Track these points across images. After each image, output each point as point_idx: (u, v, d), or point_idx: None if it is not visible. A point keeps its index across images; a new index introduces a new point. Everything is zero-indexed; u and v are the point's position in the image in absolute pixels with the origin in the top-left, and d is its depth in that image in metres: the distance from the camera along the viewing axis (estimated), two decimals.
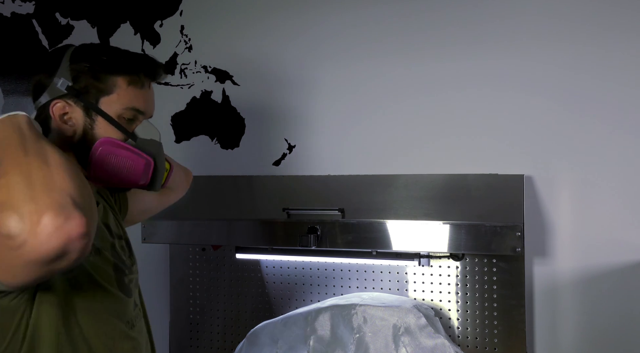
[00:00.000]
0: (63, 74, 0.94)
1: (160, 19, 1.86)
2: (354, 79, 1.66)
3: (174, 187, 1.28)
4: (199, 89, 1.82)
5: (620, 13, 1.45)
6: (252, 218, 1.53)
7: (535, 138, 1.52)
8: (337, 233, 1.42)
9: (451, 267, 1.55)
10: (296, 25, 1.72)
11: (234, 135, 1.79)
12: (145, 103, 0.99)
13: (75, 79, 0.94)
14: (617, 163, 1.46)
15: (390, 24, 1.63)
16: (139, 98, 0.98)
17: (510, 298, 1.49)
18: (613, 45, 1.46)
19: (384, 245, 1.40)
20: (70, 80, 0.93)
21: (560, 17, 1.50)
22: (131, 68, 0.97)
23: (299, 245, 1.43)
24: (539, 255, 1.52)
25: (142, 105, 0.99)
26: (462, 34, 1.57)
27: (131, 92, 0.97)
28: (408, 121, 1.61)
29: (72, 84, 0.93)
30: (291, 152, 1.73)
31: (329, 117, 1.69)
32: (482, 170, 1.54)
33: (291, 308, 1.68)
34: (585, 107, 1.48)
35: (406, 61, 1.61)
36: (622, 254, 1.46)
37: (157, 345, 1.15)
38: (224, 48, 1.79)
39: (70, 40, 1.94)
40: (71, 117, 0.94)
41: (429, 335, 1.44)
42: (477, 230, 1.32)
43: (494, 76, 1.54)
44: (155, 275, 1.86)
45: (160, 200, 1.29)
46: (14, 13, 2.00)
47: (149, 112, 1.01)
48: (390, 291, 1.61)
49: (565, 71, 1.49)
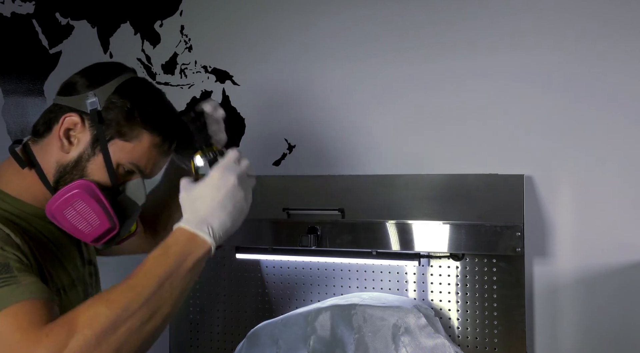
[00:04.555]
0: (100, 94, 0.87)
1: (160, 19, 1.86)
2: (354, 78, 1.66)
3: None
4: (199, 89, 1.82)
5: (620, 13, 1.45)
6: (252, 218, 1.52)
7: (535, 138, 1.51)
8: (337, 233, 1.42)
9: (451, 267, 1.55)
10: (296, 25, 1.72)
11: (234, 135, 1.79)
12: (153, 166, 0.93)
13: (106, 107, 0.87)
14: (617, 163, 1.46)
15: (390, 22, 1.63)
16: (151, 160, 0.92)
17: (510, 298, 1.49)
18: (614, 44, 1.45)
19: (384, 245, 1.40)
20: (101, 105, 0.87)
21: (560, 17, 1.49)
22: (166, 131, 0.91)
23: (299, 245, 1.43)
24: (539, 255, 1.52)
25: (150, 167, 0.93)
26: (462, 33, 1.56)
27: (148, 152, 0.90)
28: (408, 121, 1.61)
29: (100, 110, 0.87)
30: (291, 152, 1.73)
31: (329, 117, 1.69)
32: (482, 170, 1.54)
33: (291, 308, 1.68)
34: (586, 106, 1.48)
35: (406, 60, 1.61)
36: (622, 254, 1.46)
37: (157, 345, 1.15)
38: (224, 48, 1.79)
39: (70, 40, 1.94)
40: (76, 137, 0.88)
41: (429, 335, 1.44)
42: (477, 230, 1.32)
43: (494, 76, 1.54)
44: None
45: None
46: (14, 13, 2.00)
47: (151, 175, 0.95)
48: (390, 291, 1.61)
49: (566, 71, 1.49)
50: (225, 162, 0.87)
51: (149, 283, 0.74)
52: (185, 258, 0.78)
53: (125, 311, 0.71)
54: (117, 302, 0.71)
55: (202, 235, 0.81)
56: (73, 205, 0.85)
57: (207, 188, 0.84)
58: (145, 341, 0.73)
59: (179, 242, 0.80)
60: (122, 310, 0.71)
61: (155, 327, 0.74)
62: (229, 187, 0.84)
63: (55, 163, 0.89)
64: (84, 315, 0.70)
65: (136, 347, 0.72)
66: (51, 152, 0.89)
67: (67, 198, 0.85)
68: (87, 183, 0.86)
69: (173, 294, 0.76)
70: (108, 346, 0.68)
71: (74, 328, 0.68)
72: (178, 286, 0.77)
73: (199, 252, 0.80)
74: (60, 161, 0.88)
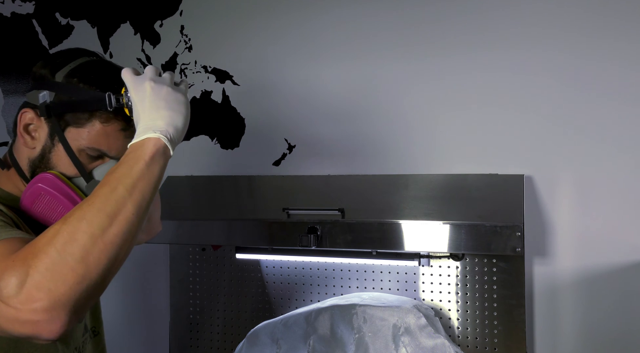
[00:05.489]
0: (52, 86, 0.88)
1: (160, 19, 1.86)
2: (354, 78, 1.66)
3: (144, 226, 1.15)
4: (199, 89, 1.82)
5: (623, 12, 1.45)
6: (252, 218, 1.53)
7: (535, 138, 1.51)
8: (337, 233, 1.42)
9: (451, 267, 1.55)
10: (296, 25, 1.72)
11: (234, 135, 1.79)
12: (117, 146, 0.91)
13: (57, 96, 0.87)
14: (617, 163, 1.46)
15: (390, 20, 1.63)
16: (112, 141, 0.90)
17: (510, 298, 1.49)
18: (614, 44, 1.45)
19: (384, 245, 1.40)
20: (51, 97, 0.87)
21: (562, 17, 1.49)
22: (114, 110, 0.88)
23: (299, 245, 1.43)
24: (539, 255, 1.52)
25: (114, 147, 0.90)
26: (463, 31, 1.56)
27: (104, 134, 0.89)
28: (408, 120, 1.61)
29: (51, 101, 0.87)
30: (291, 152, 1.73)
31: (329, 117, 1.69)
32: (482, 170, 1.54)
33: (291, 308, 1.68)
34: (586, 107, 1.48)
35: (406, 59, 1.61)
36: (622, 254, 1.46)
37: (157, 345, 1.14)
38: (224, 48, 1.79)
39: (70, 40, 1.94)
40: (36, 131, 0.89)
41: (429, 335, 1.44)
42: (477, 230, 1.32)
43: (494, 76, 1.54)
44: (155, 275, 1.86)
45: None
46: (14, 13, 2.00)
47: (119, 156, 0.91)
48: (390, 291, 1.61)
49: (566, 71, 1.49)
50: (130, 82, 0.85)
51: (101, 192, 0.74)
52: (136, 161, 0.77)
53: (80, 221, 0.70)
54: (72, 215, 0.71)
55: (148, 136, 0.79)
56: (38, 200, 0.87)
57: (135, 107, 0.83)
58: (116, 246, 0.71)
59: (128, 153, 0.79)
60: (78, 220, 0.70)
61: (122, 231, 0.72)
62: (149, 91, 0.83)
63: (27, 159, 0.91)
64: (43, 237, 0.70)
65: (107, 254, 0.70)
66: (22, 150, 0.91)
67: (30, 193, 0.87)
68: (48, 176, 0.87)
69: (133, 195, 0.74)
70: (72, 257, 0.68)
71: (36, 249, 0.68)
72: (135, 186, 0.75)
73: (149, 149, 0.78)
74: (30, 157, 0.90)
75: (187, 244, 1.76)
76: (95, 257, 0.69)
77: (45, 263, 0.67)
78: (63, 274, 0.67)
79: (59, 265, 0.67)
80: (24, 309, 0.66)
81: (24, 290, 0.66)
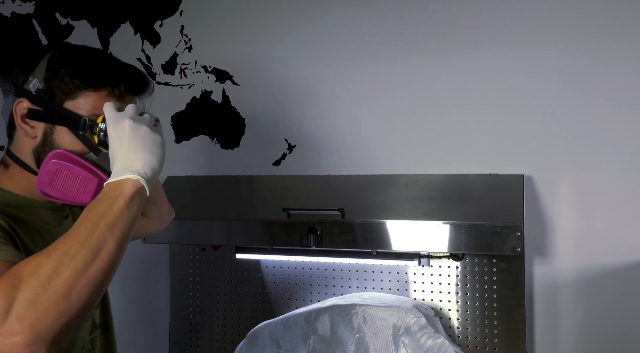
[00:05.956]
0: (38, 74, 0.90)
1: (160, 19, 1.86)
2: (354, 78, 1.66)
3: (153, 216, 1.20)
4: (199, 89, 1.82)
5: (624, 11, 1.45)
6: (252, 218, 1.53)
7: (535, 138, 1.51)
8: (337, 233, 1.42)
9: (451, 267, 1.55)
10: (296, 25, 1.72)
11: (234, 135, 1.79)
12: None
13: (47, 81, 0.90)
14: (617, 163, 1.46)
15: (390, 20, 1.63)
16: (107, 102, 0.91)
17: (510, 298, 1.49)
18: (614, 44, 1.45)
19: (384, 245, 1.40)
20: (42, 83, 0.90)
21: (562, 16, 1.49)
22: (109, 77, 0.91)
23: (299, 245, 1.43)
24: (539, 255, 1.52)
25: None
26: (463, 31, 1.56)
27: (98, 97, 0.91)
28: (408, 120, 1.61)
29: (42, 86, 0.89)
30: (291, 152, 1.73)
31: (329, 117, 1.69)
32: (482, 170, 1.54)
33: (291, 308, 1.68)
34: (586, 107, 1.48)
35: (406, 59, 1.61)
36: (622, 254, 1.46)
37: (157, 345, 1.15)
38: (224, 48, 1.79)
39: (71, 40, 1.94)
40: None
41: (429, 335, 1.44)
42: (477, 230, 1.32)
43: (495, 76, 1.54)
44: (155, 275, 1.86)
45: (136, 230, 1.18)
46: (14, 13, 2.00)
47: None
48: (390, 291, 1.61)
49: (567, 70, 1.49)
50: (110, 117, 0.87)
51: (84, 227, 0.75)
52: (115, 199, 0.79)
53: (65, 255, 0.71)
54: (56, 249, 0.72)
55: (126, 176, 0.82)
56: (56, 177, 0.88)
57: (113, 144, 0.85)
58: (97, 282, 0.72)
59: (106, 191, 0.81)
60: (62, 254, 0.71)
61: (104, 268, 0.73)
62: (127, 130, 0.85)
63: (30, 150, 0.92)
64: (26, 267, 0.70)
65: (88, 289, 0.71)
66: (24, 144, 0.92)
67: (47, 170, 0.88)
68: (59, 151, 0.89)
69: (114, 233, 0.76)
70: (55, 291, 0.68)
71: (19, 280, 0.68)
72: (116, 224, 0.77)
73: (128, 190, 0.80)
74: (34, 146, 0.91)
75: (187, 244, 1.76)
76: (77, 292, 0.70)
77: (29, 295, 0.67)
78: (46, 308, 0.67)
79: (43, 298, 0.67)
80: (4, 342, 0.65)
81: (6, 322, 0.65)
